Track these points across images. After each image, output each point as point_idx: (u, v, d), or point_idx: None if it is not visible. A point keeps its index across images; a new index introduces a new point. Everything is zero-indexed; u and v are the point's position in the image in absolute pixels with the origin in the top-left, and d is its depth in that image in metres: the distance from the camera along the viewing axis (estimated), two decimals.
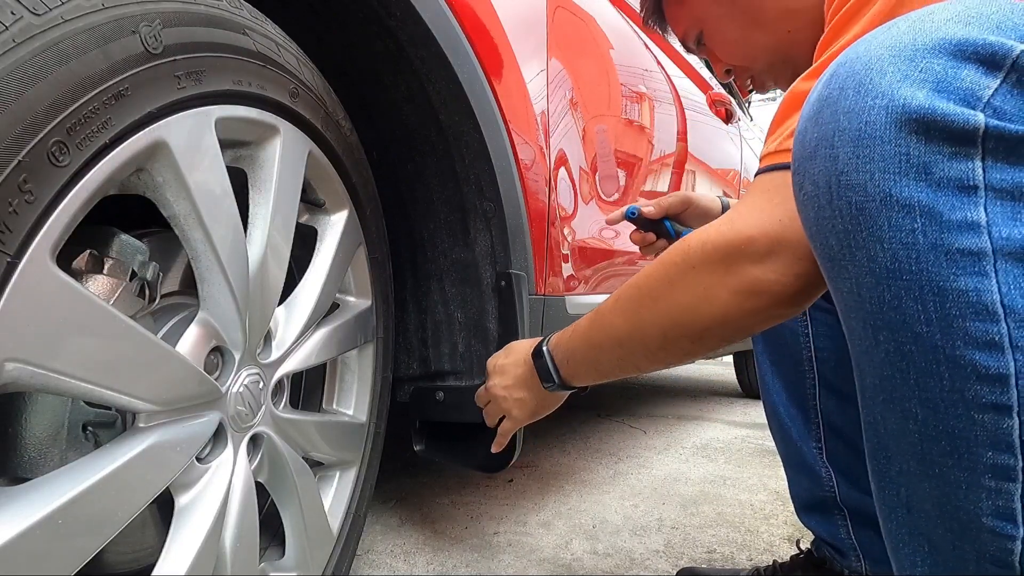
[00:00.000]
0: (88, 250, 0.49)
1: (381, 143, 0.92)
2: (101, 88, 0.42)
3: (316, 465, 0.82)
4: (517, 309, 0.92)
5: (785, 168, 0.51)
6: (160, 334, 0.56)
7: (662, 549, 1.12)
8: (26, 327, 0.39)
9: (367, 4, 0.76)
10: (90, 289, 0.48)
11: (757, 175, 0.55)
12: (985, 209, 0.34)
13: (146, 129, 0.46)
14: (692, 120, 1.89)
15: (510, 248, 0.91)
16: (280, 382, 0.70)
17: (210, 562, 0.56)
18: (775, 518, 1.28)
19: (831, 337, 0.85)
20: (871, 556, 0.84)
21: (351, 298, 0.84)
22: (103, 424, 0.52)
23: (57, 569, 0.42)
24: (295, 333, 0.70)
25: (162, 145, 0.47)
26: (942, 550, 0.38)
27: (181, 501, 0.55)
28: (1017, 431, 0.34)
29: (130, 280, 0.51)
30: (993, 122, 0.33)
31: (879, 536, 0.89)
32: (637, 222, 1.00)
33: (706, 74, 2.27)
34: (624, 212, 1.00)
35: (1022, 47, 0.34)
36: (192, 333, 0.55)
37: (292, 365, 0.71)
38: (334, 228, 0.76)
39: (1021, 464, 0.34)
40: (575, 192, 1.19)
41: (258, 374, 0.64)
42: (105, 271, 0.50)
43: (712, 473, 1.60)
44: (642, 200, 1.04)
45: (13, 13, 0.38)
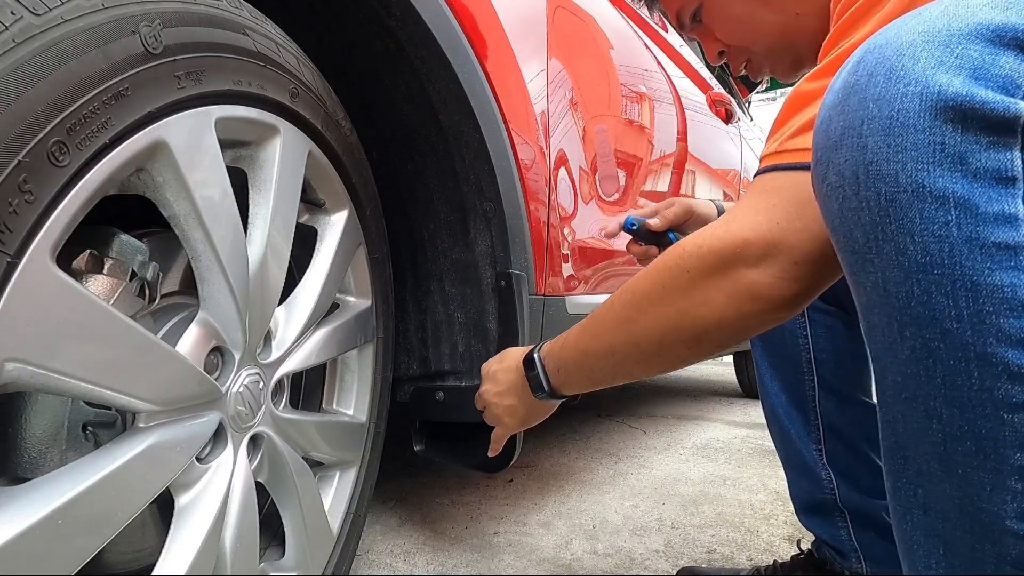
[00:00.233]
0: (88, 250, 0.49)
1: (381, 143, 0.92)
2: (101, 88, 0.42)
3: (316, 465, 0.82)
4: (517, 309, 0.92)
5: (785, 169, 0.51)
6: (160, 334, 0.56)
7: (662, 549, 1.12)
8: (26, 327, 0.39)
9: (367, 4, 0.76)
10: (90, 289, 0.48)
11: (756, 175, 0.54)
12: (1023, 202, 0.33)
13: (146, 129, 0.46)
14: (692, 120, 1.89)
15: (510, 248, 0.91)
16: (280, 382, 0.70)
17: (210, 562, 0.56)
18: (775, 518, 1.28)
19: (830, 338, 0.85)
20: (872, 557, 0.84)
21: (351, 298, 0.84)
22: (103, 424, 0.52)
23: (57, 569, 0.42)
24: (295, 333, 0.70)
25: (162, 145, 0.47)
26: (959, 552, 0.37)
27: (181, 501, 0.55)
28: None
29: (130, 280, 0.51)
30: None
31: (880, 537, 0.89)
32: (637, 234, 0.95)
33: (706, 74, 2.27)
34: (622, 224, 0.94)
35: None
36: (192, 333, 0.55)
37: (292, 365, 0.71)
38: (334, 228, 0.76)
39: None
40: (575, 192, 1.19)
41: (258, 374, 0.64)
42: (105, 271, 0.50)
43: (712, 473, 1.60)
44: (642, 202, 0.99)
45: (13, 13, 0.38)
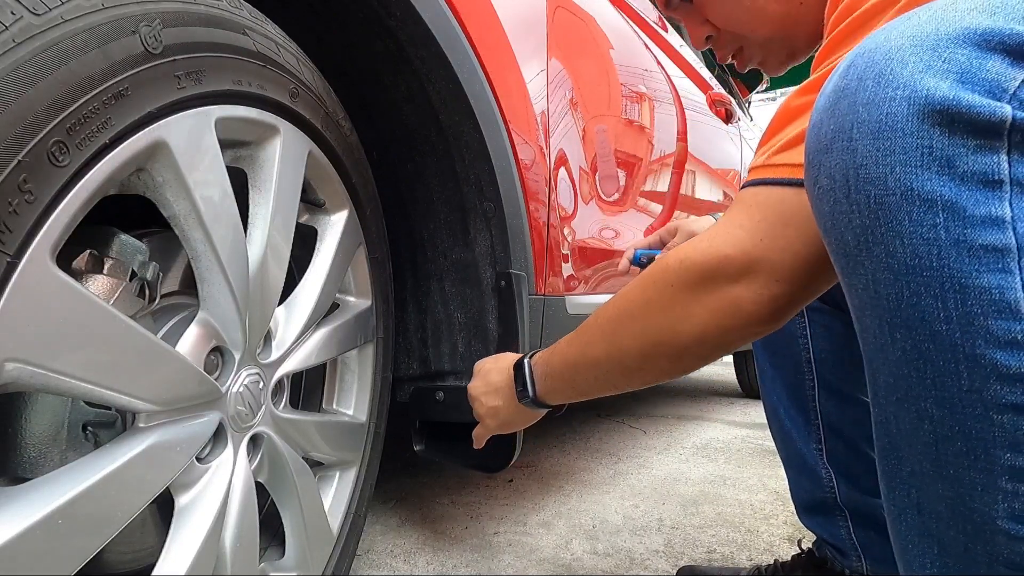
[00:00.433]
0: (88, 250, 0.49)
1: (381, 143, 0.92)
2: (101, 88, 0.42)
3: (316, 465, 0.82)
4: (517, 309, 0.92)
5: (770, 184, 0.51)
6: (160, 334, 0.56)
7: (662, 549, 1.12)
8: (26, 327, 0.39)
9: (367, 4, 0.76)
10: (90, 289, 0.48)
11: (742, 188, 0.54)
12: (1010, 204, 0.33)
13: (146, 129, 0.46)
14: (692, 120, 1.89)
15: (510, 248, 0.91)
16: (280, 382, 0.70)
17: (210, 562, 0.56)
18: (775, 518, 1.28)
19: (830, 338, 0.85)
20: (872, 556, 0.84)
21: (351, 298, 0.84)
22: (103, 424, 0.52)
23: (57, 569, 0.42)
24: (295, 333, 0.70)
25: (162, 145, 0.47)
26: (953, 552, 0.37)
27: (181, 501, 0.55)
28: None
29: (130, 280, 0.51)
30: (1020, 115, 0.32)
31: (880, 536, 0.89)
32: (645, 267, 0.94)
33: (706, 74, 2.27)
34: (631, 259, 0.94)
35: None
36: (192, 333, 0.55)
37: (292, 365, 0.71)
38: (334, 228, 0.76)
39: None
40: (575, 192, 1.19)
41: (258, 374, 0.64)
42: (105, 271, 0.50)
43: (712, 473, 1.60)
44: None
45: (13, 13, 0.38)
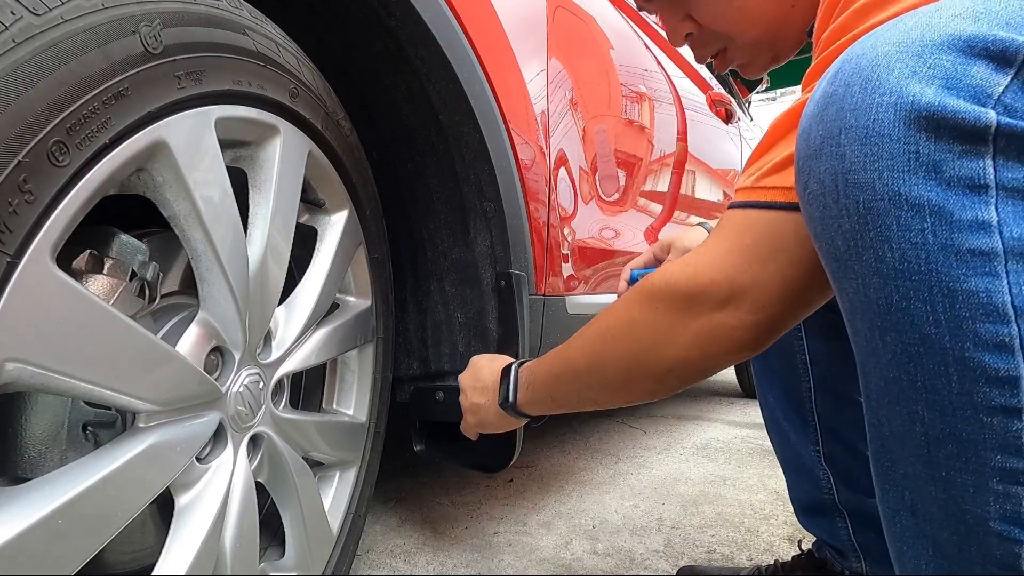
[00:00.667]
0: (88, 250, 0.49)
1: (381, 143, 0.92)
2: (101, 88, 0.42)
3: (316, 465, 0.82)
4: (517, 309, 0.92)
5: (760, 207, 0.50)
6: (160, 334, 0.56)
7: (662, 549, 1.12)
8: (26, 327, 0.39)
9: (367, 4, 0.76)
10: (90, 289, 0.48)
11: (730, 208, 0.53)
12: (996, 209, 0.33)
13: (146, 129, 0.46)
14: (692, 120, 1.89)
15: (510, 248, 0.91)
16: (280, 382, 0.70)
17: (210, 562, 0.56)
18: (775, 518, 1.28)
19: (825, 339, 0.85)
20: (872, 557, 0.84)
21: (351, 298, 0.84)
22: (103, 424, 0.52)
23: (57, 569, 0.42)
24: (295, 333, 0.70)
25: (162, 145, 0.47)
26: (947, 553, 0.38)
27: (181, 501, 0.55)
28: None
29: (130, 280, 0.51)
30: (1004, 119, 0.33)
31: (879, 537, 0.89)
32: None
33: (706, 74, 2.27)
34: (628, 280, 0.95)
35: None
36: (192, 333, 0.55)
37: (292, 365, 0.71)
38: (334, 228, 0.76)
39: None
40: (575, 192, 1.19)
41: (258, 374, 0.64)
42: (105, 271, 0.50)
43: (712, 473, 1.60)
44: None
45: (13, 13, 0.38)
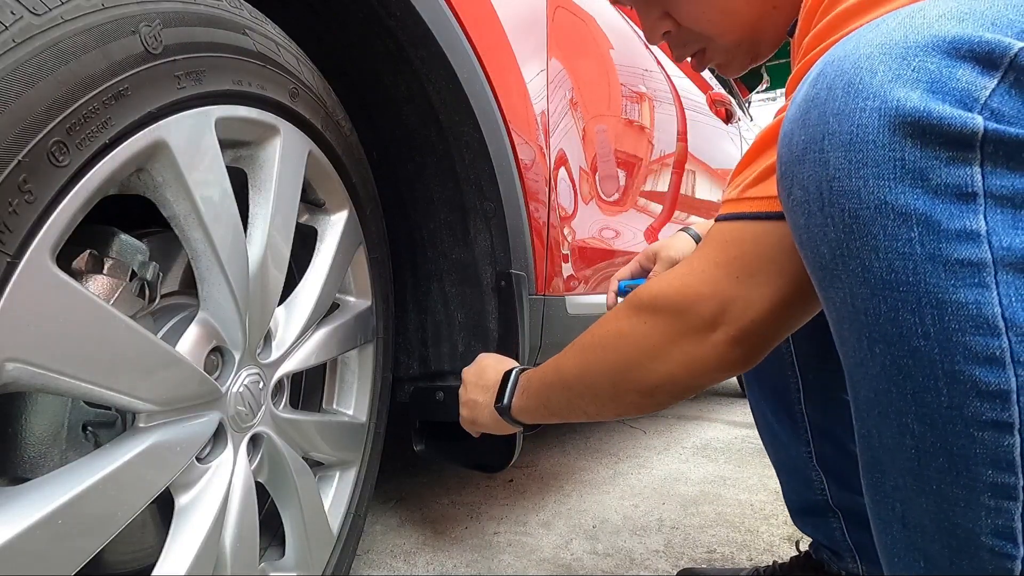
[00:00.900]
0: (88, 250, 0.49)
1: (381, 143, 0.92)
2: (101, 88, 0.42)
3: (316, 465, 0.82)
4: (517, 309, 0.92)
5: (746, 218, 0.50)
6: (160, 334, 0.56)
7: (662, 549, 1.12)
8: (26, 327, 0.39)
9: (367, 4, 0.76)
10: (90, 289, 0.48)
11: (716, 221, 0.53)
12: (985, 217, 0.33)
13: (146, 129, 0.46)
14: (692, 120, 1.89)
15: (510, 248, 0.91)
16: (280, 382, 0.70)
17: (210, 562, 0.56)
18: (775, 518, 1.28)
19: (812, 339, 0.84)
20: (867, 557, 0.84)
21: (351, 298, 0.84)
22: (103, 424, 0.52)
23: (57, 569, 0.42)
24: (295, 333, 0.70)
25: (162, 145, 0.47)
26: (939, 565, 0.37)
27: (181, 501, 0.55)
28: (1018, 449, 0.33)
29: (130, 280, 0.51)
30: (992, 125, 0.32)
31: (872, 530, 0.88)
32: None
33: (706, 74, 2.27)
34: (616, 291, 0.94)
35: (1020, 44, 0.32)
36: (192, 333, 0.55)
37: (292, 365, 0.71)
38: (334, 228, 0.76)
39: (1022, 483, 0.33)
40: (575, 192, 1.19)
41: (258, 374, 0.64)
42: (105, 271, 0.50)
43: (712, 473, 1.60)
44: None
45: (13, 13, 0.38)
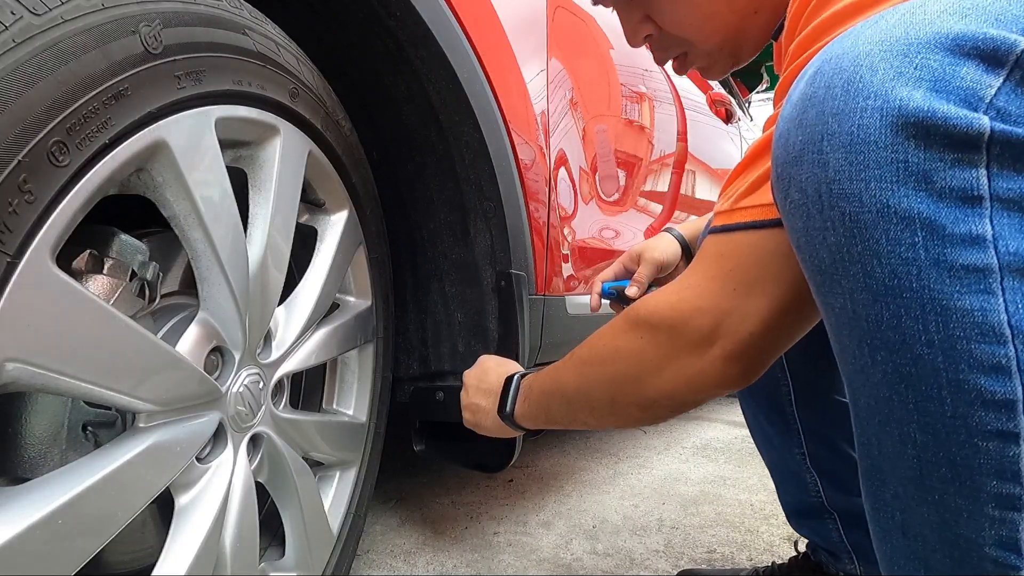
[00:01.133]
0: (88, 250, 0.49)
1: (381, 143, 0.92)
2: (101, 88, 0.42)
3: (316, 465, 0.82)
4: (517, 309, 0.92)
5: (738, 229, 0.50)
6: (160, 334, 0.56)
7: (662, 549, 1.12)
8: (26, 327, 0.39)
9: (367, 4, 0.76)
10: (90, 289, 0.48)
11: (709, 233, 0.52)
12: (991, 221, 0.31)
13: (146, 129, 0.46)
14: (692, 120, 1.89)
15: (510, 248, 0.91)
16: (280, 382, 0.70)
17: (210, 562, 0.56)
18: (775, 518, 1.27)
19: (800, 342, 0.83)
20: (865, 557, 0.83)
21: (351, 298, 0.84)
22: (103, 424, 0.52)
23: (57, 569, 0.42)
24: (295, 333, 0.70)
25: (162, 145, 0.47)
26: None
27: (181, 501, 0.55)
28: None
29: (130, 280, 0.51)
30: (999, 126, 0.31)
31: (871, 537, 0.88)
32: (620, 299, 0.94)
33: None
34: (599, 293, 0.94)
35: None
36: (192, 333, 0.55)
37: (292, 365, 0.71)
38: (334, 228, 0.76)
39: None
40: (575, 192, 1.19)
41: (258, 374, 0.64)
42: (105, 271, 0.50)
43: (712, 473, 1.60)
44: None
45: (13, 13, 0.38)
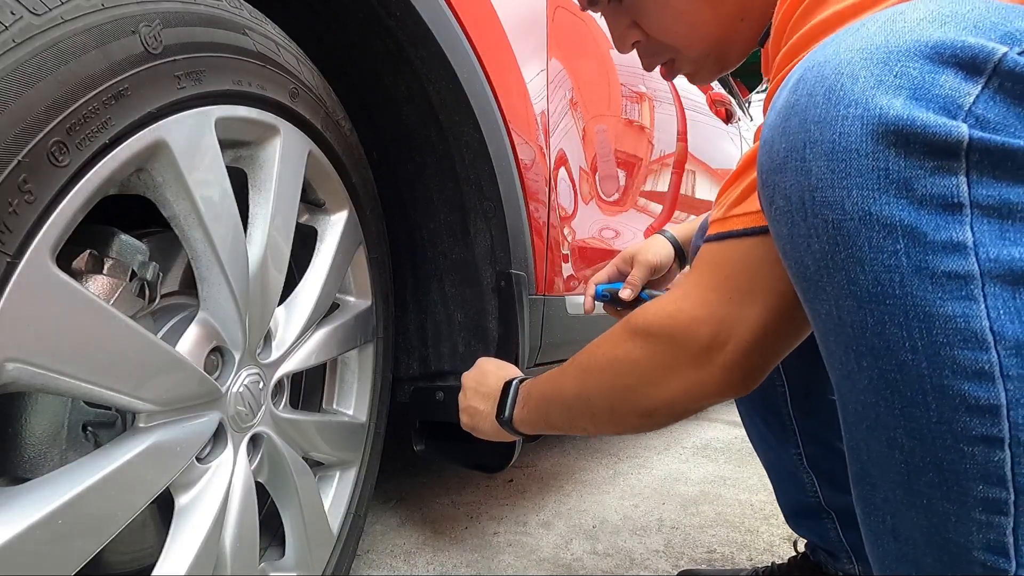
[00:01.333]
0: (88, 250, 0.49)
1: (381, 143, 0.92)
2: (101, 88, 0.42)
3: (316, 465, 0.82)
4: (517, 309, 0.92)
5: (732, 237, 0.50)
6: (160, 334, 0.56)
7: (662, 549, 1.12)
8: (26, 327, 0.39)
9: (367, 4, 0.76)
10: (90, 289, 0.48)
11: (704, 242, 0.52)
12: (971, 228, 0.32)
13: (146, 129, 0.46)
14: (692, 120, 1.89)
15: (510, 248, 0.91)
16: (280, 382, 0.70)
17: (210, 562, 0.56)
18: (775, 518, 1.27)
19: None
20: (863, 557, 0.83)
21: (351, 298, 0.84)
22: (103, 424, 0.52)
23: (57, 569, 0.42)
24: (295, 333, 0.70)
25: (162, 145, 0.47)
26: None
27: (181, 501, 0.55)
28: (1009, 464, 0.32)
29: (130, 280, 0.51)
30: (977, 133, 0.31)
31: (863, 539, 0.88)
32: (614, 302, 0.94)
33: None
34: (593, 296, 0.94)
35: (1004, 49, 0.31)
36: (192, 333, 0.55)
37: (292, 365, 0.71)
38: (334, 228, 0.76)
39: (1013, 498, 0.33)
40: (575, 192, 1.19)
41: (258, 374, 0.64)
42: (105, 271, 0.50)
43: (712, 473, 1.60)
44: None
45: (13, 13, 0.38)
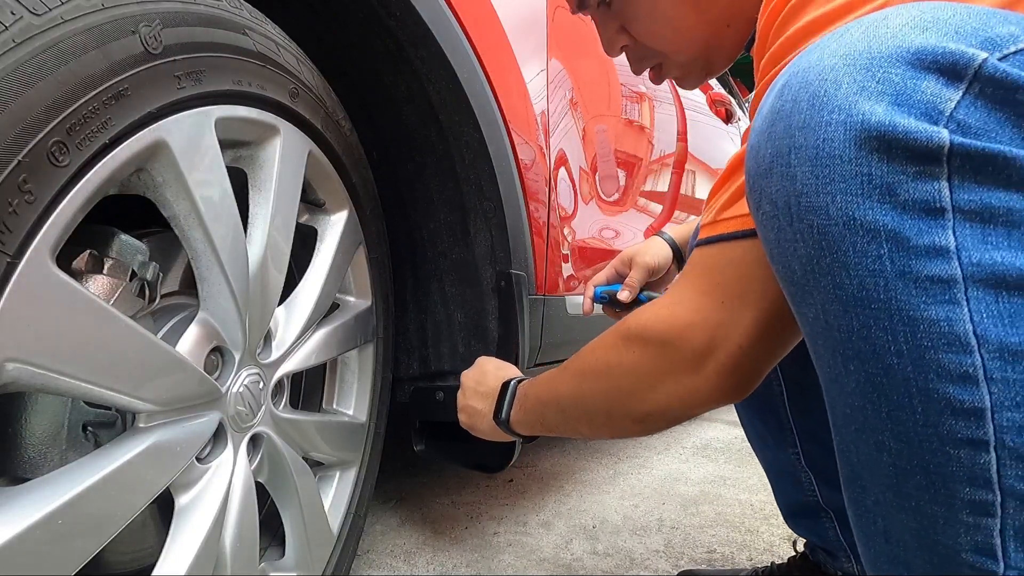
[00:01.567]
0: (88, 250, 0.49)
1: (381, 143, 0.92)
2: (101, 88, 0.42)
3: (316, 465, 0.82)
4: (517, 309, 0.92)
5: (723, 240, 0.50)
6: (160, 334, 0.56)
7: (662, 549, 1.12)
8: (26, 327, 0.39)
9: (367, 4, 0.76)
10: (90, 289, 0.48)
11: (696, 246, 0.52)
12: (954, 233, 0.32)
13: (146, 129, 0.46)
14: (692, 120, 1.89)
15: (510, 248, 0.91)
16: (280, 382, 0.70)
17: (210, 562, 0.56)
18: (775, 518, 1.27)
19: None
20: None
21: (351, 298, 0.84)
22: (103, 424, 0.52)
23: (57, 569, 0.42)
24: (295, 333, 0.70)
25: (162, 145, 0.47)
26: None
27: (181, 501, 0.55)
28: (995, 466, 0.32)
29: (130, 280, 0.51)
30: (958, 139, 0.31)
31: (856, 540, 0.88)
32: (612, 303, 0.95)
33: None
34: (592, 298, 0.95)
35: (985, 55, 0.31)
36: (192, 333, 0.55)
37: (292, 365, 0.71)
38: (334, 228, 0.76)
39: (1000, 500, 0.33)
40: (575, 192, 1.19)
41: (258, 374, 0.64)
42: (105, 271, 0.50)
43: (712, 473, 1.60)
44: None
45: (13, 13, 0.38)
